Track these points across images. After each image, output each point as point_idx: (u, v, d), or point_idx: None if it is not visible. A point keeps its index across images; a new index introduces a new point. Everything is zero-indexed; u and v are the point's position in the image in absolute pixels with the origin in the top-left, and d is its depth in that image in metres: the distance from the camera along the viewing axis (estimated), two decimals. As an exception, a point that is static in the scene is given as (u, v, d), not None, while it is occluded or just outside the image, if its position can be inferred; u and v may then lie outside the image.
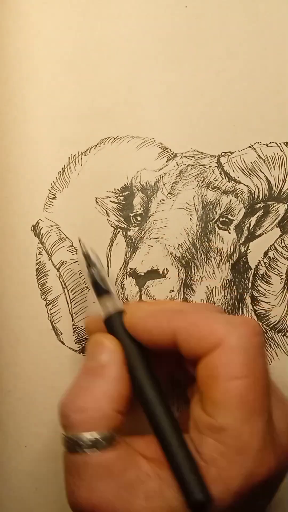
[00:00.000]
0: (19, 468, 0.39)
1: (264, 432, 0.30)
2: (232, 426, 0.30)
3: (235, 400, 0.30)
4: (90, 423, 0.31)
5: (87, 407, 0.31)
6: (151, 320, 0.33)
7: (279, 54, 0.40)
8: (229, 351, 0.30)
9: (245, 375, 0.30)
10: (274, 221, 0.40)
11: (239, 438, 0.30)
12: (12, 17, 0.40)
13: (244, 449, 0.30)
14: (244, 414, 0.30)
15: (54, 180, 0.39)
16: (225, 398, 0.30)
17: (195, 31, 0.40)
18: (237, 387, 0.30)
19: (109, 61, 0.40)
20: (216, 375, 0.30)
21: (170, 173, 0.40)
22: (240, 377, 0.30)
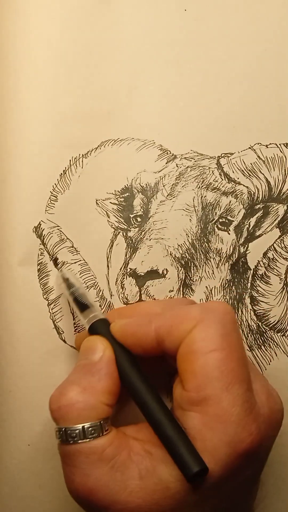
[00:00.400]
0: (22, 466, 0.39)
1: (245, 401, 0.31)
2: (211, 396, 0.31)
3: (215, 371, 0.31)
4: (79, 415, 0.32)
5: (75, 399, 0.32)
6: (135, 326, 0.34)
7: (278, 55, 0.40)
8: (205, 327, 0.32)
9: (222, 347, 0.31)
10: (273, 222, 0.40)
11: (219, 406, 0.31)
12: (13, 19, 0.40)
13: (225, 417, 0.31)
14: (223, 383, 0.31)
15: (56, 182, 0.40)
16: (205, 370, 0.31)
17: (195, 33, 0.40)
18: (215, 358, 0.31)
19: (109, 64, 0.40)
20: (195, 350, 0.31)
21: (170, 175, 0.40)
22: (217, 349, 0.31)
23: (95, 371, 0.33)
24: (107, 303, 0.40)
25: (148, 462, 0.31)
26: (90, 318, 0.36)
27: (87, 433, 0.32)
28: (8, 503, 0.40)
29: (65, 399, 0.32)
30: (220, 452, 0.30)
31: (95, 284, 0.40)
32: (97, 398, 0.32)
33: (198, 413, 0.31)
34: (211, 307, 0.33)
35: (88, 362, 0.34)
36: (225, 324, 0.32)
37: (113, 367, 0.34)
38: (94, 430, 0.32)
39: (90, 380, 0.33)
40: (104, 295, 0.40)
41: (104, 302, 0.40)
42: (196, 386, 0.31)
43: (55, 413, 0.33)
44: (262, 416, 0.32)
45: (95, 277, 0.40)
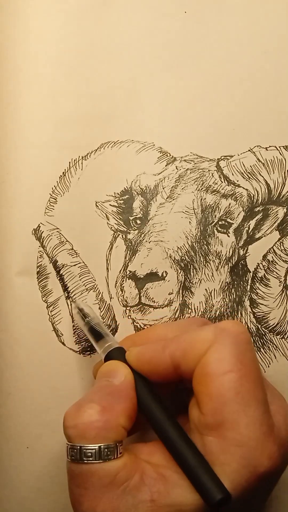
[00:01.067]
0: (21, 469, 0.39)
1: (262, 423, 0.30)
2: (229, 420, 0.30)
3: (230, 392, 0.30)
4: (96, 434, 0.31)
5: (95, 418, 0.31)
6: (150, 353, 0.34)
7: (278, 58, 0.40)
8: (219, 349, 0.31)
9: (237, 368, 0.31)
10: (273, 224, 0.40)
11: (236, 430, 0.30)
12: (13, 22, 0.40)
13: (243, 440, 0.30)
14: (239, 405, 0.30)
15: (55, 184, 0.40)
16: (220, 392, 0.30)
17: (195, 36, 0.40)
18: (230, 380, 0.31)
19: (109, 66, 0.40)
20: (210, 372, 0.31)
21: (169, 177, 0.40)
22: (232, 370, 0.31)
23: (116, 392, 0.33)
24: (107, 305, 0.40)
25: (161, 486, 0.30)
26: (106, 348, 0.35)
27: (103, 454, 0.31)
28: (7, 505, 0.40)
29: (83, 416, 0.31)
30: (239, 476, 0.30)
31: (95, 286, 0.40)
32: (116, 419, 0.32)
33: (216, 438, 0.30)
34: (224, 328, 0.32)
35: (109, 384, 0.33)
36: (239, 344, 0.32)
37: (133, 392, 0.33)
38: (110, 452, 0.31)
39: (111, 401, 0.32)
40: (103, 297, 0.40)
41: (103, 304, 0.40)
42: (213, 409, 0.31)
43: (70, 430, 0.32)
44: (281, 438, 0.31)
45: (94, 280, 0.40)
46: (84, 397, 0.33)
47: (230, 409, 0.30)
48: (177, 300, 0.39)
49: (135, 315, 0.39)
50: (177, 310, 0.39)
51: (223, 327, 0.33)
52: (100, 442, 0.31)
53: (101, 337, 0.36)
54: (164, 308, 0.39)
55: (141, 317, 0.39)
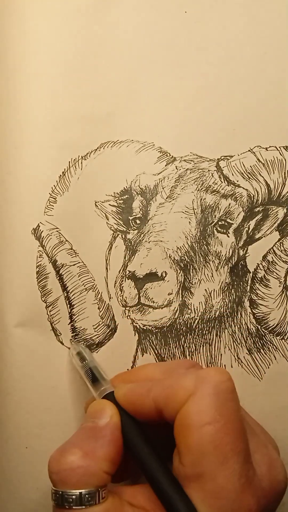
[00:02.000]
0: (20, 469, 0.39)
1: (241, 475, 0.30)
2: (207, 472, 0.30)
3: (209, 445, 0.30)
4: (77, 480, 0.31)
5: (77, 464, 0.31)
6: (135, 394, 0.34)
7: (278, 58, 0.40)
8: (199, 400, 0.31)
9: (216, 419, 0.30)
10: (273, 224, 0.40)
11: (215, 483, 0.30)
12: (13, 22, 0.40)
13: (222, 493, 0.30)
14: (218, 458, 0.30)
15: (55, 184, 0.40)
16: (199, 445, 0.30)
17: (195, 35, 0.40)
18: (209, 432, 0.30)
19: (109, 66, 0.40)
20: (189, 424, 0.31)
21: (169, 177, 0.40)
22: (211, 422, 0.30)
23: (100, 436, 0.33)
24: (106, 305, 0.40)
25: None
26: (101, 391, 0.35)
27: (83, 500, 0.31)
28: (6, 505, 0.40)
29: (65, 462, 0.31)
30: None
31: (94, 286, 0.40)
32: (98, 465, 0.32)
33: (195, 490, 0.30)
34: (206, 376, 0.32)
35: (94, 426, 0.33)
36: (219, 395, 0.31)
37: (118, 434, 0.33)
38: (91, 498, 0.31)
39: (94, 446, 0.32)
40: (102, 297, 0.40)
41: (102, 304, 0.40)
42: (191, 461, 0.30)
43: (54, 475, 0.32)
44: (262, 489, 0.31)
45: (93, 280, 0.40)
46: (69, 441, 0.33)
47: (209, 461, 0.30)
48: (177, 301, 0.39)
49: (134, 315, 0.39)
50: (177, 310, 0.39)
51: (205, 375, 0.32)
52: (81, 488, 0.31)
53: (97, 380, 0.36)
54: (164, 309, 0.39)
55: (140, 317, 0.39)
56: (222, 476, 0.30)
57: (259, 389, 0.39)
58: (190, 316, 0.39)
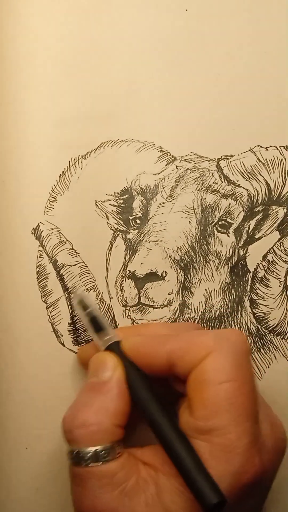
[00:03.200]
0: (20, 469, 0.39)
1: (251, 434, 0.31)
2: (220, 427, 0.31)
3: (224, 402, 0.31)
4: (92, 438, 0.32)
5: (88, 422, 0.32)
6: (147, 345, 0.34)
7: (279, 57, 0.40)
8: (218, 357, 0.32)
9: (234, 378, 0.31)
10: (273, 224, 0.40)
11: (226, 437, 0.31)
12: (12, 21, 0.40)
13: (231, 448, 0.31)
14: (232, 415, 0.31)
15: (55, 184, 0.40)
16: (215, 401, 0.31)
17: (195, 34, 0.40)
18: (226, 390, 0.31)
19: (109, 65, 0.40)
20: (207, 379, 0.31)
21: (169, 177, 0.40)
22: (228, 380, 0.31)
23: (106, 390, 0.33)
24: (106, 305, 0.40)
25: (153, 489, 0.31)
26: (105, 340, 0.35)
27: (100, 457, 0.31)
28: (5, 506, 0.40)
29: (78, 421, 0.32)
30: (224, 482, 0.30)
31: (95, 286, 0.40)
32: (110, 420, 0.32)
33: (204, 442, 0.31)
34: (225, 336, 0.33)
35: (99, 380, 0.34)
36: (238, 355, 0.32)
37: (124, 386, 0.33)
38: (107, 454, 0.32)
39: (103, 401, 0.33)
40: (103, 297, 0.40)
41: (103, 304, 0.40)
42: (205, 415, 0.31)
43: (68, 434, 0.32)
44: (266, 447, 0.32)
45: (94, 280, 0.40)
46: (77, 400, 0.34)
47: (222, 417, 0.31)
48: (177, 300, 0.39)
49: (134, 315, 0.39)
50: (177, 310, 0.39)
51: (224, 334, 0.33)
52: (96, 445, 0.32)
53: (101, 329, 0.36)
54: (164, 308, 0.39)
55: (140, 317, 0.39)
56: (234, 432, 0.31)
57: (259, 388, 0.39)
58: (190, 316, 0.39)
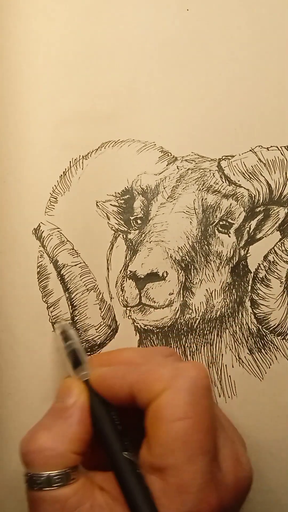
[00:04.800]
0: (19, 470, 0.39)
1: (206, 472, 0.30)
2: (173, 466, 0.30)
3: (178, 441, 0.30)
4: (46, 462, 0.31)
5: (43, 447, 0.32)
6: (111, 377, 0.34)
7: (280, 57, 0.40)
8: (174, 394, 0.31)
9: (189, 416, 0.31)
10: (274, 224, 0.40)
11: (180, 477, 0.30)
12: (13, 21, 0.40)
13: (185, 488, 0.30)
14: (186, 454, 0.30)
15: (56, 184, 0.40)
16: (168, 439, 0.30)
17: (197, 34, 0.40)
18: (180, 428, 0.30)
19: (110, 65, 0.40)
20: (161, 417, 0.31)
21: (170, 177, 0.40)
22: (183, 418, 0.31)
23: (67, 416, 0.33)
24: (107, 306, 0.40)
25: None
26: (82, 376, 0.35)
27: (52, 482, 0.31)
28: (5, 506, 0.40)
29: (34, 445, 0.32)
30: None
31: (95, 286, 0.39)
32: (66, 446, 0.32)
33: (159, 479, 0.31)
34: (183, 370, 0.32)
35: (62, 406, 0.33)
36: (194, 391, 0.31)
37: (85, 413, 0.33)
38: (60, 479, 0.31)
39: (61, 427, 0.32)
40: (104, 297, 0.40)
41: (104, 305, 0.40)
42: (159, 453, 0.31)
43: (23, 457, 0.32)
44: (225, 485, 0.31)
45: (95, 280, 0.40)
46: (38, 422, 0.34)
47: (176, 456, 0.30)
48: (178, 301, 0.39)
49: (135, 316, 0.39)
50: (178, 310, 0.39)
51: (182, 369, 0.32)
52: (49, 470, 0.31)
53: (79, 364, 0.35)
54: (165, 309, 0.39)
55: (141, 317, 0.39)
56: (187, 471, 0.30)
57: (260, 389, 0.39)
58: (191, 316, 0.39)
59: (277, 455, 0.39)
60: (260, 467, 0.39)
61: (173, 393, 0.31)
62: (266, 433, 0.39)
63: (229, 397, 0.39)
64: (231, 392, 0.39)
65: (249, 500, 0.40)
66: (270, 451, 0.39)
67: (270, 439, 0.39)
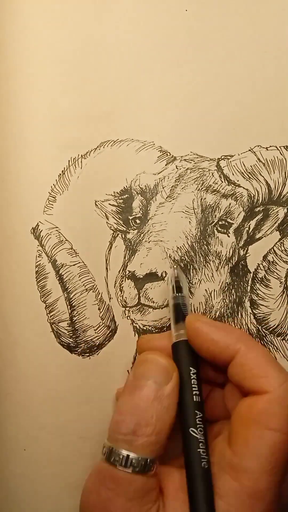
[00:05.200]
0: (18, 471, 0.39)
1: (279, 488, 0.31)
2: (255, 471, 0.30)
3: (267, 450, 0.30)
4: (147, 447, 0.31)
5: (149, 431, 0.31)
6: (221, 331, 0.33)
7: (279, 57, 0.40)
8: (275, 402, 0.31)
9: (283, 431, 0.31)
10: (273, 224, 0.40)
11: (257, 483, 0.30)
12: (12, 20, 0.40)
13: (258, 495, 0.30)
14: (270, 465, 0.30)
15: (54, 183, 0.40)
16: (258, 444, 0.31)
17: (195, 34, 0.40)
18: (272, 438, 0.31)
19: (109, 65, 0.40)
20: (257, 420, 0.31)
21: (169, 176, 0.40)
22: (278, 429, 0.31)
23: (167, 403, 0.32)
24: (106, 306, 0.39)
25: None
26: (179, 334, 0.35)
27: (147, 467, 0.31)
28: (4, 507, 0.39)
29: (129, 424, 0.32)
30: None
31: (94, 286, 0.39)
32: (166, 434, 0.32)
33: (232, 479, 0.31)
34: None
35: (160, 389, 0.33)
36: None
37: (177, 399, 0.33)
38: (153, 466, 0.32)
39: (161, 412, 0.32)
40: (102, 297, 0.39)
41: (102, 305, 0.39)
42: (243, 454, 0.31)
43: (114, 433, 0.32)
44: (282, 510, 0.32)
45: (94, 280, 0.39)
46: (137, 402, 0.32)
47: (260, 463, 0.30)
48: (177, 301, 0.39)
49: (134, 316, 0.39)
50: (177, 310, 0.39)
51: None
52: (148, 455, 0.31)
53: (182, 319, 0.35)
54: (164, 309, 0.39)
55: (140, 317, 0.39)
56: (267, 481, 0.30)
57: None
58: (190, 316, 0.39)
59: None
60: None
61: (275, 400, 0.31)
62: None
63: (228, 398, 0.39)
64: (230, 393, 0.39)
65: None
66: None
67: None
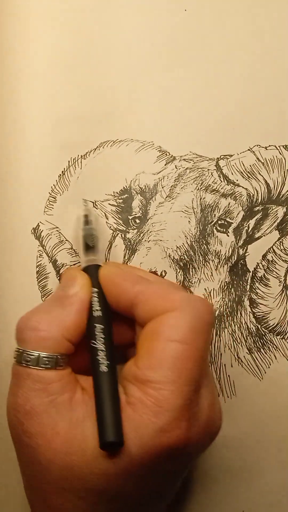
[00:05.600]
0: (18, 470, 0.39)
1: (186, 398, 0.31)
2: (157, 381, 0.31)
3: (169, 360, 0.31)
4: (39, 342, 0.33)
5: (40, 327, 0.33)
6: (121, 278, 0.34)
7: (278, 57, 0.40)
8: (179, 316, 0.32)
9: (187, 342, 0.32)
10: (272, 224, 0.40)
11: (160, 393, 0.31)
12: (11, 21, 0.40)
13: (162, 403, 0.31)
14: (173, 374, 0.31)
15: (54, 183, 0.40)
16: (161, 355, 0.31)
17: (195, 34, 0.40)
18: (175, 349, 0.31)
19: (108, 65, 0.40)
20: (159, 332, 0.32)
21: (169, 176, 0.40)
22: (181, 341, 0.31)
23: (67, 304, 0.34)
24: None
25: (81, 412, 0.32)
26: (88, 260, 0.36)
27: (40, 362, 0.32)
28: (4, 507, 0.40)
29: (31, 323, 0.33)
30: (146, 432, 0.31)
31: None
32: (61, 331, 0.33)
33: (138, 390, 0.31)
34: (193, 300, 0.33)
35: (63, 294, 0.34)
36: (199, 322, 0.32)
37: (85, 305, 0.34)
38: (48, 362, 0.32)
39: (60, 312, 0.33)
40: (102, 297, 0.39)
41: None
42: (147, 366, 0.31)
43: (18, 333, 0.34)
44: (198, 420, 0.32)
45: (93, 279, 0.40)
46: (38, 306, 0.35)
47: (163, 373, 0.31)
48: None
49: (134, 315, 0.39)
50: (177, 310, 0.39)
51: (193, 299, 0.33)
52: (41, 350, 0.32)
53: (90, 249, 0.36)
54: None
55: (140, 317, 0.39)
56: (169, 390, 0.31)
57: (260, 388, 0.39)
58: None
59: (276, 455, 0.39)
60: (260, 467, 0.39)
61: (179, 316, 0.32)
62: (266, 433, 0.39)
63: (228, 396, 0.39)
64: (230, 392, 0.39)
65: (250, 500, 0.40)
66: (270, 451, 0.39)
67: (270, 439, 0.39)
